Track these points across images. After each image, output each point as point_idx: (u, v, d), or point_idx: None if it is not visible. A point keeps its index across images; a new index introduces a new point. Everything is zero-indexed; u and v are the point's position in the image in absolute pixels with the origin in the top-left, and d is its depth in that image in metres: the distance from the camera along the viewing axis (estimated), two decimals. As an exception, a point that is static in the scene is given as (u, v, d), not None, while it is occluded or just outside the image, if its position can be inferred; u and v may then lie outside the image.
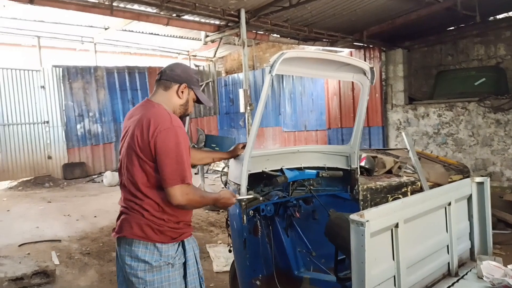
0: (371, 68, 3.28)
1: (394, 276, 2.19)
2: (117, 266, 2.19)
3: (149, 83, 13.06)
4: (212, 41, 12.01)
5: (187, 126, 14.17)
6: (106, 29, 11.07)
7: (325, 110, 10.59)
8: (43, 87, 10.96)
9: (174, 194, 1.95)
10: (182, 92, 2.17)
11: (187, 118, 14.19)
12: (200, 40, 9.37)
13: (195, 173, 8.79)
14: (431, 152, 8.22)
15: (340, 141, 10.25)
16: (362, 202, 4.88)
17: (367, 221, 1.85)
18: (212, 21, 7.08)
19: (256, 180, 3.27)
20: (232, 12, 6.60)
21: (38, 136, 10.83)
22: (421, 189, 4.84)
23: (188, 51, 14.42)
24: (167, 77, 2.18)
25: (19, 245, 5.33)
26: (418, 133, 9.21)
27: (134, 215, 2.03)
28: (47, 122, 10.98)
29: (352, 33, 8.71)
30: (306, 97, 11.03)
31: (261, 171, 3.14)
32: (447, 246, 2.67)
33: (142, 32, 11.51)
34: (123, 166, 2.11)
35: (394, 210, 2.16)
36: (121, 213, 2.12)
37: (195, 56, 14.59)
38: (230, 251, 3.04)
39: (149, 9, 6.35)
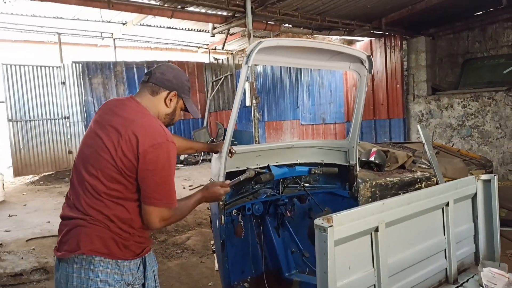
0: (368, 57, 3.04)
1: (375, 285, 1.99)
2: None
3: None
4: (231, 34, 11.92)
5: (206, 120, 14.17)
6: (124, 24, 11.14)
7: (343, 102, 10.25)
8: (63, 83, 11.18)
9: (153, 216, 1.77)
10: (171, 100, 1.94)
11: (206, 112, 14.20)
12: (222, 33, 9.20)
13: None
14: (452, 145, 7.77)
15: (359, 133, 9.88)
16: (370, 200, 4.64)
17: (330, 226, 1.65)
18: (219, 12, 6.91)
19: (248, 178, 3.11)
20: (237, 2, 6.39)
21: (59, 132, 11.06)
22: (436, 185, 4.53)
23: (207, 45, 14.36)
24: (156, 80, 1.92)
25: (27, 240, 5.40)
26: (441, 125, 8.74)
27: (96, 227, 1.75)
28: (68, 117, 11.20)
29: (370, 21, 8.32)
30: (324, 89, 10.71)
31: (245, 168, 2.97)
32: (445, 250, 2.44)
33: (160, 26, 11.51)
34: (87, 167, 1.79)
35: (372, 212, 1.95)
36: (74, 225, 1.77)
37: (215, 49, 14.51)
38: (213, 251, 2.89)
39: (152, 1, 6.24)
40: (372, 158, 5.11)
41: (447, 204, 2.41)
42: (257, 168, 3.02)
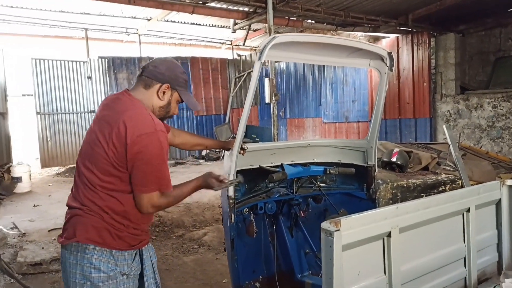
0: (389, 53, 2.92)
1: (386, 293, 1.90)
2: (64, 279, 1.91)
3: (191, 73, 13.17)
4: (254, 30, 11.85)
5: (228, 117, 14.17)
6: (148, 20, 11.25)
7: (367, 100, 10.03)
8: (90, 77, 11.42)
9: (144, 202, 1.82)
10: (164, 93, 1.92)
11: (228, 108, 14.20)
12: (243, 29, 9.12)
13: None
14: (481, 147, 7.47)
15: (384, 133, 9.67)
16: (391, 202, 4.50)
17: (337, 230, 1.58)
18: (240, 8, 6.85)
19: (261, 175, 3.06)
20: (258, -3, 6.32)
21: (85, 125, 11.30)
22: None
23: (231, 41, 14.34)
24: (148, 73, 1.92)
25: (49, 230, 5.53)
26: (469, 126, 8.43)
27: (91, 217, 1.81)
28: (93, 111, 11.42)
29: (396, 17, 8.08)
30: (348, 86, 10.51)
31: (258, 166, 2.91)
32: (464, 258, 2.32)
33: (184, 22, 11.58)
34: (84, 161, 1.86)
35: (385, 217, 1.87)
36: (73, 215, 1.86)
37: (238, 45, 14.47)
38: (225, 249, 2.86)
39: (173, -3, 6.24)
40: (394, 159, 4.96)
41: (468, 210, 2.29)
42: (270, 166, 2.97)
